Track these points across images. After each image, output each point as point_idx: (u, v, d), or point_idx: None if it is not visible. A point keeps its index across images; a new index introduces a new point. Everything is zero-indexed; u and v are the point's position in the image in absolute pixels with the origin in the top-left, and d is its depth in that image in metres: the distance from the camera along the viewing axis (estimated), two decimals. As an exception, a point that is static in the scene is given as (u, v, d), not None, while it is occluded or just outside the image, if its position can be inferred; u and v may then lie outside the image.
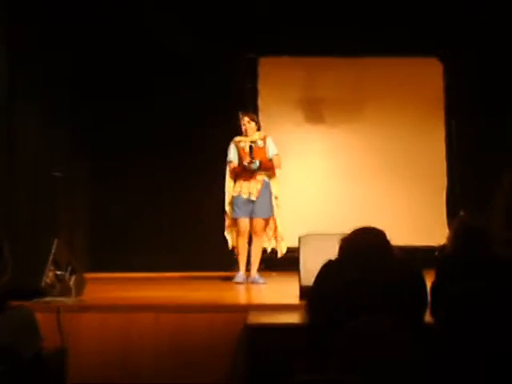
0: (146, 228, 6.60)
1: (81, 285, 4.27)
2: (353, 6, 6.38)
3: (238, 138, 5.50)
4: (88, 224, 6.68)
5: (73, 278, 4.16)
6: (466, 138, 6.69)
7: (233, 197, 5.42)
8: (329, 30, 6.47)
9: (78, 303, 3.97)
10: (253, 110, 6.54)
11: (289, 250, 5.33)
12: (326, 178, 6.84)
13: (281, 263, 5.62)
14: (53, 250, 4.03)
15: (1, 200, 5.00)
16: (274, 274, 5.97)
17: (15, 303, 2.41)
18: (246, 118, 5.47)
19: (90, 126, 6.55)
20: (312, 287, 2.64)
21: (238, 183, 5.43)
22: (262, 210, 5.38)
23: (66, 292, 4.05)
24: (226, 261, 5.68)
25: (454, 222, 2.78)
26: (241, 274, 5.34)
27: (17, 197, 5.31)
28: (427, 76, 6.87)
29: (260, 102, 6.83)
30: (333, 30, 6.47)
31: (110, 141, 6.61)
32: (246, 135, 5.46)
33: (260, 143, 5.43)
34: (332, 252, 2.70)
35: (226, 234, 5.51)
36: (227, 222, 5.50)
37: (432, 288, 2.57)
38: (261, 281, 5.32)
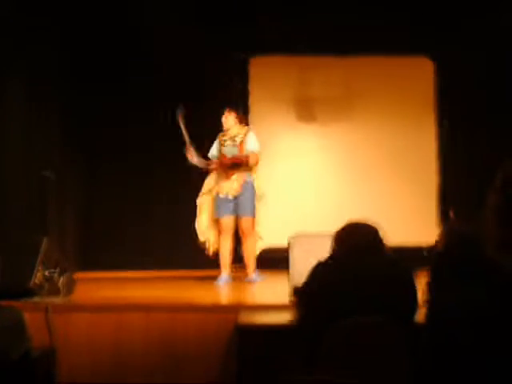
0: (137, 227, 6.57)
1: (70, 284, 4.25)
2: (343, 4, 6.38)
3: (221, 134, 5.45)
4: (78, 223, 6.65)
5: (62, 277, 4.14)
6: (457, 137, 6.71)
7: (214, 196, 5.35)
8: (320, 29, 6.46)
9: (67, 303, 3.96)
10: (244, 110, 6.53)
11: (280, 249, 5.31)
12: (317, 176, 6.84)
13: (271, 263, 5.61)
14: (42, 250, 4.01)
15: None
16: (265, 273, 5.96)
17: (3, 303, 2.39)
18: (226, 111, 5.38)
19: (81, 124, 6.52)
20: (302, 287, 2.64)
21: (217, 181, 5.36)
22: (245, 209, 5.25)
23: (54, 292, 4.04)
24: (217, 260, 5.65)
25: (443, 230, 2.78)
26: (223, 276, 5.25)
27: (6, 196, 5.28)
28: (419, 75, 6.87)
29: (251, 102, 6.81)
30: (324, 29, 6.46)
31: (100, 139, 6.59)
32: (225, 129, 5.37)
33: (238, 139, 5.33)
34: (322, 252, 2.70)
35: (196, 225, 5.42)
36: (197, 213, 5.42)
37: (425, 293, 2.56)
38: (258, 279, 5.26)
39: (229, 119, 5.36)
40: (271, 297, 4.48)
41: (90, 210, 6.65)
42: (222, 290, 5.04)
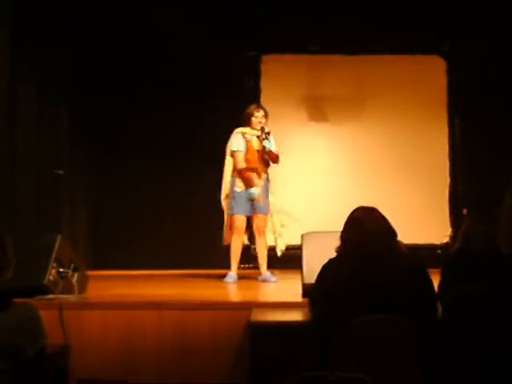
0: (149, 225, 6.60)
1: (83, 282, 4.27)
2: (355, 2, 6.37)
3: (242, 129, 5.32)
4: (90, 221, 6.69)
5: (75, 275, 4.16)
6: (468, 136, 6.68)
7: (235, 192, 5.26)
8: (331, 28, 6.46)
9: (81, 300, 3.98)
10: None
11: (292, 247, 5.31)
12: (328, 175, 6.83)
13: (284, 261, 5.61)
14: (55, 248, 4.03)
15: (3, 197, 5.01)
16: (276, 271, 5.97)
17: (18, 300, 2.41)
18: (262, 113, 5.31)
19: (91, 123, 6.56)
20: (314, 285, 2.64)
21: (240, 179, 5.27)
22: (264, 207, 5.28)
23: (68, 289, 4.05)
24: (229, 259, 5.66)
25: (461, 229, 2.76)
26: (232, 274, 5.21)
27: (19, 194, 5.31)
28: (430, 74, 6.86)
29: (262, 100, 6.81)
30: (335, 28, 6.46)
31: (112, 138, 6.62)
32: (252, 128, 5.29)
33: (269, 131, 5.29)
34: (335, 250, 2.69)
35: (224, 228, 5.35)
36: (226, 219, 5.35)
37: (439, 288, 2.54)
38: (273, 279, 5.20)
39: (263, 122, 5.31)
40: (283, 294, 4.48)
41: (102, 208, 6.68)
42: (234, 287, 5.04)
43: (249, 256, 5.91)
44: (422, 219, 6.60)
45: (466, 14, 6.39)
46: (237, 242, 5.27)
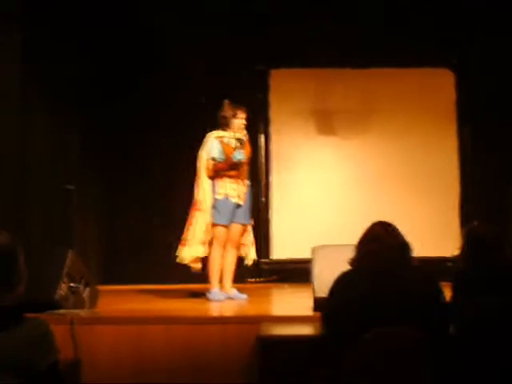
0: (158, 240, 6.61)
1: (94, 297, 4.28)
2: (363, 15, 6.41)
3: (219, 133, 4.93)
4: (101, 236, 6.71)
5: (86, 290, 4.18)
6: (478, 148, 6.67)
7: (216, 199, 4.83)
8: (339, 42, 6.49)
9: (92, 315, 3.99)
10: (264, 122, 6.57)
11: (302, 261, 5.29)
12: (336, 188, 6.84)
13: (294, 275, 5.60)
14: (66, 263, 4.05)
15: (15, 212, 5.04)
16: (286, 285, 5.95)
17: (30, 315, 2.42)
18: (245, 114, 4.98)
19: (102, 137, 6.61)
20: (328, 298, 2.63)
21: (221, 184, 4.86)
22: (245, 216, 4.94)
23: (79, 304, 4.07)
24: (238, 273, 5.65)
25: (464, 233, 2.76)
26: (217, 291, 4.91)
27: (30, 209, 5.34)
28: (439, 86, 6.86)
29: (271, 114, 6.85)
30: (343, 42, 6.49)
31: (122, 153, 6.66)
32: (231, 131, 4.91)
33: (244, 140, 5.00)
34: (346, 263, 2.69)
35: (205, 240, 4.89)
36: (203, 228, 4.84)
37: (451, 302, 2.52)
38: (243, 296, 4.93)
39: (244, 126, 5.00)
40: (294, 308, 4.47)
41: (112, 223, 6.70)
42: (243, 301, 5.01)
43: (259, 269, 5.90)
44: (432, 232, 6.57)
45: (475, 26, 6.41)
46: (219, 255, 4.90)
